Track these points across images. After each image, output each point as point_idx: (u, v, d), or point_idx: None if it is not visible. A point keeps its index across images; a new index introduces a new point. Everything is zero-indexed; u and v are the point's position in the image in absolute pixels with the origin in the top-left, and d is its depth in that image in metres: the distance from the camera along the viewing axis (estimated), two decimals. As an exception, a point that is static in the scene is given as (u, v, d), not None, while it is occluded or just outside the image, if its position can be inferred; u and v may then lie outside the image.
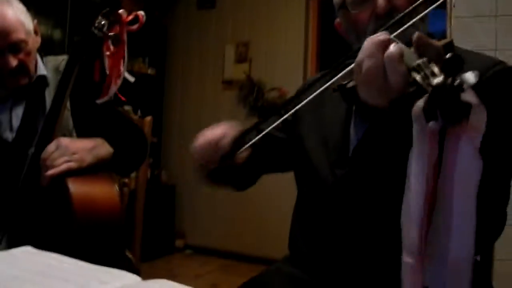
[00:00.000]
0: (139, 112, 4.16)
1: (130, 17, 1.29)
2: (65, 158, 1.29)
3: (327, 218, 1.14)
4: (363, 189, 1.09)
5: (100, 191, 1.29)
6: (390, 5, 1.08)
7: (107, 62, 1.32)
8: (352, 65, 0.88)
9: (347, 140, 1.15)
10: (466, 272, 0.62)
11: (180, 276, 4.05)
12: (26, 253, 0.95)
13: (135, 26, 1.31)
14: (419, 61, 0.67)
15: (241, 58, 4.75)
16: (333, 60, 1.40)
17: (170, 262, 4.54)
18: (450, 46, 0.73)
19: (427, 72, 0.65)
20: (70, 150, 1.30)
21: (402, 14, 0.92)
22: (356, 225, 1.09)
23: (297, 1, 4.54)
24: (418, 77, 0.65)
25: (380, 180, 1.06)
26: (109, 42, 1.28)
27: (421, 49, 0.70)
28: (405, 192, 0.68)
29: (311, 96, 0.97)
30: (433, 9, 0.91)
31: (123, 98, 1.47)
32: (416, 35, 0.72)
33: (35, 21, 1.61)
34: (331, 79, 0.96)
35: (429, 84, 0.62)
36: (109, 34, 1.28)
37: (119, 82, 1.34)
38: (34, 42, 1.59)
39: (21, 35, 1.49)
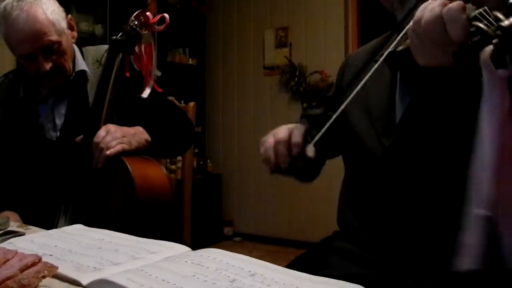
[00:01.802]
0: (182, 102, 4.18)
1: (156, 19, 1.43)
2: (118, 140, 1.36)
3: (377, 190, 1.11)
4: (413, 158, 1.06)
5: (151, 170, 1.38)
6: None
7: (138, 59, 1.44)
8: (404, 31, 0.85)
9: (392, 108, 1.12)
10: None
11: (230, 263, 4.07)
12: (78, 229, 1.02)
13: (162, 26, 1.44)
14: (480, 9, 0.65)
15: (281, 43, 4.71)
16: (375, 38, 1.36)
17: (220, 250, 4.58)
18: None
19: (491, 19, 0.62)
20: (119, 134, 1.37)
21: None
22: (406, 195, 1.06)
23: (335, -19, 4.45)
24: (481, 25, 0.63)
25: (430, 147, 1.03)
26: (141, 41, 1.42)
27: (479, 2, 0.68)
28: (477, 143, 0.65)
29: (370, 73, 0.93)
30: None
31: (159, 90, 1.52)
32: None
33: (69, 16, 1.59)
34: (377, 51, 0.92)
35: (497, 29, 0.60)
36: (141, 33, 1.41)
37: (152, 78, 1.46)
38: (69, 39, 1.57)
39: (52, 37, 1.47)
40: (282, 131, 1.14)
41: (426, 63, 0.80)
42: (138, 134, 1.43)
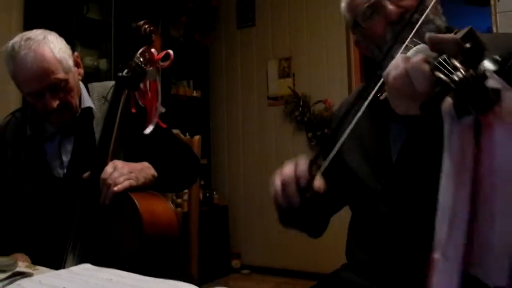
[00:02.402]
0: (187, 134, 4.20)
1: (161, 55, 1.43)
2: (125, 176, 1.35)
3: (382, 225, 1.14)
4: (411, 195, 1.09)
5: (158, 206, 1.37)
6: (401, 8, 1.11)
7: (143, 95, 1.44)
8: (382, 81, 0.90)
9: (387, 148, 1.16)
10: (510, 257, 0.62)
11: (239, 296, 4.01)
12: (85, 270, 1.00)
13: (166, 63, 1.44)
14: (439, 59, 0.67)
15: (284, 73, 4.74)
16: (377, 67, 1.39)
17: (228, 283, 4.52)
18: (469, 35, 0.70)
19: (449, 68, 0.64)
20: (126, 170, 1.37)
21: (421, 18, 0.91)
22: (409, 230, 1.09)
23: (336, 10, 4.48)
24: (441, 75, 0.65)
25: (428, 184, 1.04)
26: (146, 77, 1.42)
27: (438, 47, 0.70)
28: (440, 191, 0.67)
29: (357, 116, 0.95)
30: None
31: (163, 125, 1.51)
32: (427, 35, 0.73)
33: (76, 53, 1.61)
34: (367, 95, 0.95)
35: (452, 80, 0.62)
36: (147, 70, 1.41)
37: (157, 115, 1.46)
38: (76, 76, 1.59)
39: (60, 75, 1.49)
40: (287, 167, 1.11)
41: (403, 113, 0.83)
42: (144, 170, 1.43)
